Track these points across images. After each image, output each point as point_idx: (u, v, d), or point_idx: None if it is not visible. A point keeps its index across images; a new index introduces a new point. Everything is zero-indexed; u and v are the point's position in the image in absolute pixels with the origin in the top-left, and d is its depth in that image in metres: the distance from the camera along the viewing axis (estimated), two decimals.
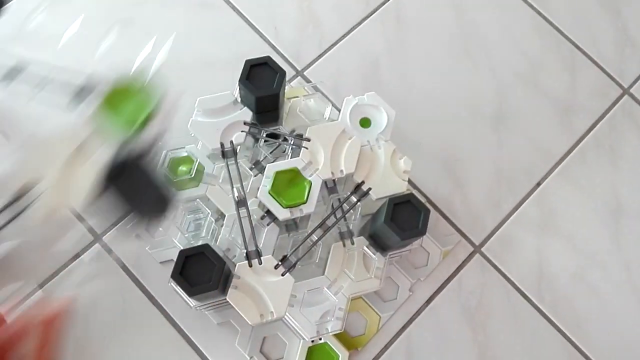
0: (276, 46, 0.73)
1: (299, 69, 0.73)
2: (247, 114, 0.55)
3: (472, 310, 0.64)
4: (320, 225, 0.55)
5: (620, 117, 0.75)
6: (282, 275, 0.51)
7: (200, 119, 0.55)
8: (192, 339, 0.60)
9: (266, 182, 0.52)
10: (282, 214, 0.52)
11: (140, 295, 0.61)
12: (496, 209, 0.69)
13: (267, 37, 0.74)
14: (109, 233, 0.63)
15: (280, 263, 0.52)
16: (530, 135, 0.73)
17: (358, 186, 0.55)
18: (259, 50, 0.73)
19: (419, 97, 0.73)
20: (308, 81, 0.72)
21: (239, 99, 0.57)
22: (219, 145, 0.55)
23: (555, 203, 0.70)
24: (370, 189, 0.55)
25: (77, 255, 0.62)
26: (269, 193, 0.52)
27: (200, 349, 0.60)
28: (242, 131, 0.55)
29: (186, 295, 0.48)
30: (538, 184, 0.71)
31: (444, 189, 0.69)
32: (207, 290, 0.47)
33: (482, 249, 0.67)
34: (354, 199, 0.55)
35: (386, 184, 0.55)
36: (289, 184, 0.53)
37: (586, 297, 0.66)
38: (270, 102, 0.55)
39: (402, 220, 0.51)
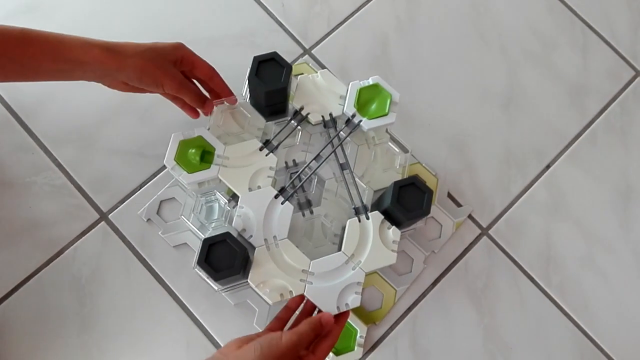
0: (283, 23, 0.72)
1: (307, 47, 0.72)
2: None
3: (478, 292, 0.64)
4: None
5: (632, 100, 0.74)
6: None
7: None
8: (198, 317, 0.60)
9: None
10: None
11: (146, 274, 0.61)
12: (505, 191, 0.68)
13: (274, 14, 0.72)
14: (115, 211, 0.62)
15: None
16: (541, 117, 0.72)
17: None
18: (266, 28, 0.72)
19: (429, 76, 0.72)
20: (316, 59, 0.71)
21: (248, 94, 0.59)
22: None
23: (565, 186, 0.69)
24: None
25: (83, 233, 0.61)
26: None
27: (205, 326, 0.60)
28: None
29: (212, 280, 0.51)
30: (548, 166, 0.70)
31: (452, 171, 0.68)
32: (230, 275, 0.50)
33: (490, 232, 0.67)
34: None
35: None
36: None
37: (594, 280, 0.66)
38: (278, 95, 0.56)
39: (407, 201, 0.53)
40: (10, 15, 0.68)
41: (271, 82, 0.55)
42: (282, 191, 0.55)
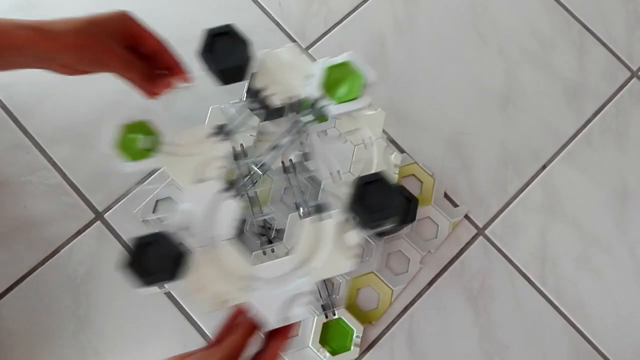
0: (280, 23, 0.72)
1: (304, 46, 0.71)
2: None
3: (474, 292, 0.64)
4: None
5: (628, 100, 0.74)
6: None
7: None
8: (194, 317, 0.60)
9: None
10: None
11: None
12: (501, 190, 0.68)
13: (271, 13, 0.72)
14: (110, 211, 0.62)
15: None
16: (538, 117, 0.72)
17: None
18: (263, 27, 0.71)
19: (426, 76, 0.72)
20: (312, 59, 0.71)
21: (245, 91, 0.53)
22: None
23: (561, 186, 0.69)
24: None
25: (78, 233, 0.61)
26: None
27: (201, 326, 0.60)
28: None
29: (139, 286, 0.43)
30: (544, 167, 0.70)
31: (449, 171, 0.68)
32: (161, 280, 0.42)
33: (486, 232, 0.67)
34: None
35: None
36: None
37: (590, 281, 0.66)
38: (236, 74, 0.49)
39: (373, 204, 0.44)
40: (8, 11, 0.68)
41: (225, 59, 0.47)
42: (232, 185, 0.47)
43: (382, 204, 0.43)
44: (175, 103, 0.54)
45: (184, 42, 0.69)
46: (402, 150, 0.68)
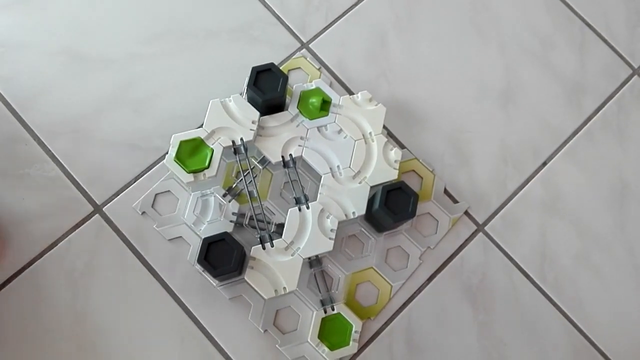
0: (281, 17, 0.72)
1: (304, 41, 0.71)
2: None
3: (473, 288, 0.64)
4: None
5: (629, 98, 0.74)
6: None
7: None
8: (192, 311, 0.60)
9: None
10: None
11: (140, 267, 0.60)
12: (501, 187, 0.68)
13: (272, 8, 0.72)
14: (109, 204, 0.62)
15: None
16: (538, 114, 0.72)
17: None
18: (264, 21, 0.71)
19: (427, 72, 0.71)
20: (313, 53, 0.71)
21: (246, 99, 0.61)
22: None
23: (561, 183, 0.69)
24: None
25: (77, 226, 0.61)
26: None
27: (199, 320, 0.60)
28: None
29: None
30: (544, 164, 0.70)
31: (449, 166, 0.68)
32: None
33: (486, 228, 0.67)
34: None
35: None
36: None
37: (588, 278, 0.66)
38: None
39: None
40: (2, 5, 0.67)
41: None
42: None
43: (402, 207, 0.57)
44: None
45: (184, 36, 0.69)
46: (402, 146, 0.67)
